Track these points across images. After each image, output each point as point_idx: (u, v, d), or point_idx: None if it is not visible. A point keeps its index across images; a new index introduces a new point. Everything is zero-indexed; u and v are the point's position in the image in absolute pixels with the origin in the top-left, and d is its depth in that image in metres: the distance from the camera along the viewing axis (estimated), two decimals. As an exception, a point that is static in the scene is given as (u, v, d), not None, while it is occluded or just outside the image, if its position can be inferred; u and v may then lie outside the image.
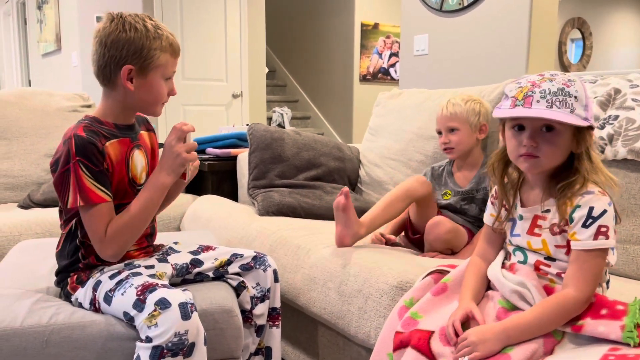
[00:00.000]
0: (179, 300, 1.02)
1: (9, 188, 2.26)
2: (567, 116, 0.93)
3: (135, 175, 1.22)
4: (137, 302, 1.04)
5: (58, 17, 4.80)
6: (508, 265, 1.05)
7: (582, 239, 0.93)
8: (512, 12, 2.62)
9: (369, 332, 1.26)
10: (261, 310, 1.33)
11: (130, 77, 1.14)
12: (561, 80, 0.95)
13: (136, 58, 1.13)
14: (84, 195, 1.08)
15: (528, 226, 1.02)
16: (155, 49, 1.14)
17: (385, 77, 5.78)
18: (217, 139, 2.57)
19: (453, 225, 1.50)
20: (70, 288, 1.18)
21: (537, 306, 0.94)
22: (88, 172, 1.09)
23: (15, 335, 1.05)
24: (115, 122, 1.19)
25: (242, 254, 1.33)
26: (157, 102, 1.20)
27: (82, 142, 1.09)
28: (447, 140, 1.61)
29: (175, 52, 1.19)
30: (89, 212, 1.10)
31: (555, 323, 0.92)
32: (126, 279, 1.11)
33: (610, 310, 0.91)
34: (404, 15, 3.23)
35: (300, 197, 1.98)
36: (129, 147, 1.21)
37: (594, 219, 0.92)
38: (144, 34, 1.13)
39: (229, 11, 4.61)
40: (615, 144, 1.40)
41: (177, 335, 1.00)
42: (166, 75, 1.18)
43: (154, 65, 1.15)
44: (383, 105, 2.30)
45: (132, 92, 1.15)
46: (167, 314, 1.01)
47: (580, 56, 6.42)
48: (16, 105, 2.39)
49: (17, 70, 6.90)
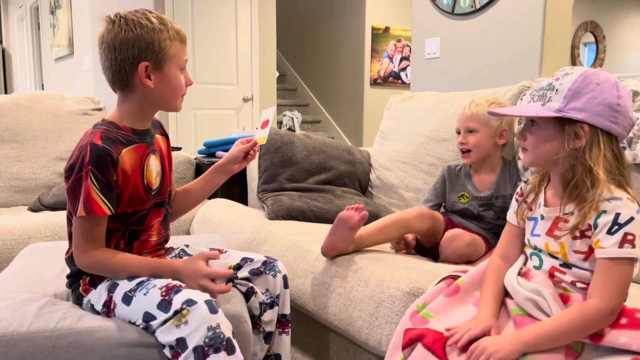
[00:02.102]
0: (205, 297, 1.02)
1: (19, 191, 2.26)
2: (519, 109, 0.96)
3: (150, 181, 1.20)
4: (162, 303, 1.02)
5: (71, 22, 4.84)
6: (523, 271, 1.02)
7: (607, 246, 0.89)
8: (525, 15, 2.59)
9: (380, 339, 1.23)
10: (270, 317, 1.31)
11: (147, 75, 1.12)
12: (561, 75, 0.94)
13: (149, 53, 1.11)
14: (88, 205, 1.07)
15: (548, 227, 0.99)
16: (164, 39, 1.11)
17: (396, 81, 5.75)
18: (227, 142, 2.57)
19: (471, 237, 1.46)
20: (83, 290, 1.16)
21: (558, 316, 0.91)
22: (97, 182, 1.07)
23: (22, 340, 1.03)
24: (132, 126, 1.17)
25: (252, 258, 1.31)
26: (177, 94, 1.18)
27: (97, 152, 1.07)
28: (464, 141, 1.56)
29: (182, 39, 1.16)
30: (83, 222, 1.09)
31: (576, 335, 0.89)
32: (147, 280, 1.09)
33: (630, 319, 0.87)
34: (415, 19, 3.21)
35: (310, 201, 1.96)
36: (145, 152, 1.19)
37: (620, 226, 0.88)
38: (150, 28, 1.10)
39: (240, 15, 4.61)
40: (634, 147, 1.37)
41: (211, 329, 0.98)
42: (180, 64, 1.16)
43: (167, 57, 1.13)
44: (394, 108, 2.27)
45: (151, 89, 1.13)
46: (195, 311, 0.99)
47: (594, 60, 6.35)
48: (28, 108, 2.39)
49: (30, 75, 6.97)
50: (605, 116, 0.91)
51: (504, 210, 1.57)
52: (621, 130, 0.93)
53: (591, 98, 0.91)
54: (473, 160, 1.58)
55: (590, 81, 0.91)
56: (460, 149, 1.59)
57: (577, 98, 0.91)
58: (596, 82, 0.91)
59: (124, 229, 1.18)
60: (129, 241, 1.20)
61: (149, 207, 1.21)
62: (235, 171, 1.39)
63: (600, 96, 0.91)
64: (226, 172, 1.38)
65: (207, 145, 2.64)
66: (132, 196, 1.15)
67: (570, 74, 0.93)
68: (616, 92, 0.91)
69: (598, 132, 0.91)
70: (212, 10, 4.49)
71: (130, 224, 1.18)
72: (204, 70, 4.48)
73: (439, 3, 3.00)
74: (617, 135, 0.93)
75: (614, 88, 0.91)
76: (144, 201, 1.18)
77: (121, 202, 1.14)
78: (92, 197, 1.07)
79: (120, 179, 1.12)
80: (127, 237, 1.19)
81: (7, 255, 1.79)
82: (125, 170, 1.13)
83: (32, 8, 6.52)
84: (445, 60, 3.04)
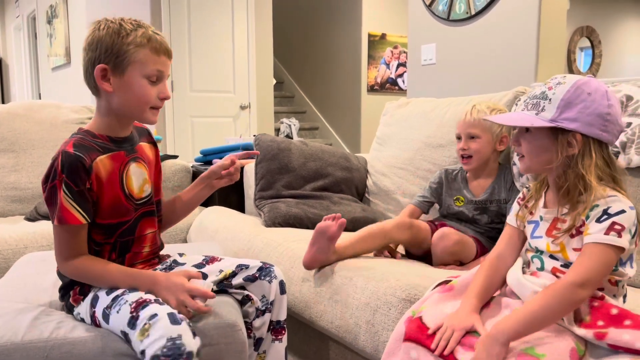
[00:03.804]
0: (168, 310, 1.00)
1: (16, 200, 2.26)
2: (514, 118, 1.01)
3: (132, 190, 1.18)
4: (130, 320, 1.01)
5: (68, 31, 4.85)
6: (529, 272, 1.04)
7: (593, 232, 0.91)
8: (520, 21, 2.60)
9: (377, 346, 1.23)
10: (261, 322, 1.29)
11: (107, 78, 1.10)
12: (554, 84, 0.96)
13: (109, 55, 1.08)
14: (60, 215, 1.06)
15: (547, 227, 1.01)
16: (128, 44, 1.08)
17: (393, 87, 5.77)
18: (224, 150, 2.57)
19: (460, 236, 1.47)
20: (73, 300, 1.16)
21: (532, 299, 0.93)
22: (69, 191, 1.06)
23: (17, 350, 1.03)
24: (109, 134, 1.16)
25: (247, 265, 1.29)
26: (141, 104, 1.13)
27: (69, 160, 1.06)
28: (466, 147, 1.56)
29: (156, 49, 1.11)
30: (60, 230, 1.09)
31: (552, 313, 0.90)
32: (122, 295, 1.08)
33: (634, 321, 0.88)
34: (411, 25, 3.22)
35: (307, 207, 1.96)
36: (124, 161, 1.17)
37: (609, 215, 0.91)
38: (115, 31, 1.08)
39: (237, 23, 4.63)
40: (628, 151, 1.37)
41: (170, 339, 0.95)
42: (146, 73, 1.11)
43: (128, 62, 1.09)
44: (391, 114, 2.28)
45: (112, 94, 1.11)
46: (157, 322, 0.97)
47: (590, 64, 6.38)
48: (24, 117, 2.39)
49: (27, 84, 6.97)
50: (597, 125, 0.94)
51: (499, 214, 1.58)
52: (611, 138, 0.96)
53: (583, 108, 0.94)
54: (474, 167, 1.58)
55: (582, 91, 0.94)
56: (461, 154, 1.59)
57: (570, 108, 0.94)
58: (588, 91, 0.94)
59: (113, 240, 1.17)
60: (120, 253, 1.19)
61: (136, 217, 1.20)
62: (217, 186, 1.35)
63: (592, 106, 0.94)
64: (208, 186, 1.36)
65: (204, 153, 2.64)
66: (113, 206, 1.14)
67: (562, 83, 0.96)
68: (606, 101, 0.94)
69: (589, 141, 0.95)
70: (208, 18, 4.50)
71: (118, 236, 1.17)
72: (201, 78, 4.49)
73: (434, 9, 3.01)
74: (607, 142, 0.97)
75: (604, 97, 0.94)
76: (128, 211, 1.17)
77: (102, 211, 1.13)
78: (64, 206, 1.06)
79: (95, 186, 1.10)
80: (118, 249, 1.18)
81: (3, 265, 1.79)
82: (100, 177, 1.11)
83: (29, 18, 6.53)
84: (441, 66, 3.05)
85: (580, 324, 0.92)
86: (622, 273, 0.95)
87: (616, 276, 0.96)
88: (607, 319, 0.90)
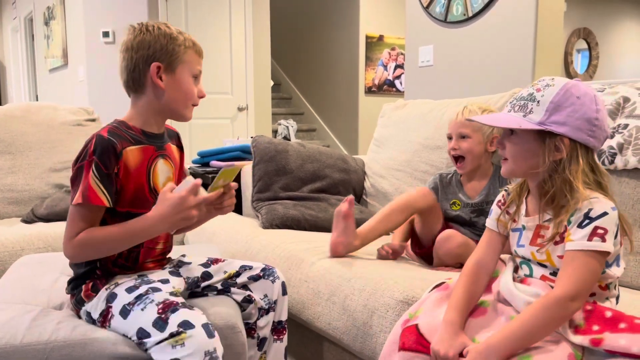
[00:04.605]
0: (202, 321, 1.02)
1: (12, 202, 2.25)
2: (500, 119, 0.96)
3: (157, 184, 1.21)
4: (157, 321, 1.02)
5: (65, 33, 4.84)
6: (519, 279, 1.02)
7: (576, 238, 0.89)
8: (517, 23, 2.61)
9: (374, 348, 1.23)
10: (265, 322, 1.30)
11: (159, 75, 1.16)
12: (542, 86, 0.94)
13: (163, 54, 1.16)
14: (86, 194, 1.08)
15: (531, 237, 0.99)
16: (179, 44, 1.17)
17: (390, 89, 5.77)
18: (221, 152, 2.57)
19: (464, 239, 1.47)
20: (85, 295, 1.15)
21: (522, 313, 0.91)
22: (97, 173, 1.09)
23: (16, 353, 1.03)
24: (143, 128, 1.20)
25: (251, 266, 1.31)
26: (187, 100, 1.21)
27: (101, 142, 1.10)
28: (456, 147, 1.56)
29: (198, 51, 1.22)
30: (78, 209, 1.09)
31: (542, 329, 0.88)
32: (146, 294, 1.09)
33: (629, 324, 0.87)
34: (408, 27, 3.23)
35: (305, 209, 1.96)
36: (153, 155, 1.20)
37: (590, 220, 0.89)
38: (167, 33, 1.17)
39: (234, 24, 4.63)
40: (625, 153, 1.38)
41: (208, 354, 0.98)
42: (193, 72, 1.20)
43: (180, 61, 1.17)
44: (388, 116, 2.28)
45: (162, 91, 1.17)
46: (193, 335, 0.99)
47: (587, 66, 6.40)
48: (21, 119, 2.39)
49: (24, 86, 6.96)
50: (585, 130, 0.92)
51: None
52: (597, 144, 0.94)
53: (572, 112, 0.91)
54: (468, 169, 1.58)
55: (572, 94, 0.92)
56: (452, 154, 1.59)
57: (559, 111, 0.92)
58: (577, 95, 0.92)
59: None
60: (133, 247, 1.19)
61: None
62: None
63: (581, 110, 0.91)
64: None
65: (202, 155, 2.64)
66: (135, 195, 1.16)
67: (551, 85, 0.93)
68: (595, 105, 0.92)
69: (577, 146, 0.92)
70: (206, 19, 4.50)
71: None
72: (198, 79, 4.48)
73: (432, 11, 3.02)
74: (593, 147, 0.94)
75: (592, 102, 0.92)
76: (149, 203, 1.17)
77: (123, 199, 1.15)
78: (91, 185, 1.08)
79: (122, 173, 1.13)
80: None
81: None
82: (128, 166, 1.14)
83: (26, 19, 6.52)
84: (438, 68, 3.05)
85: (575, 330, 0.90)
86: (610, 275, 0.94)
87: (605, 280, 0.94)
88: (602, 322, 0.89)
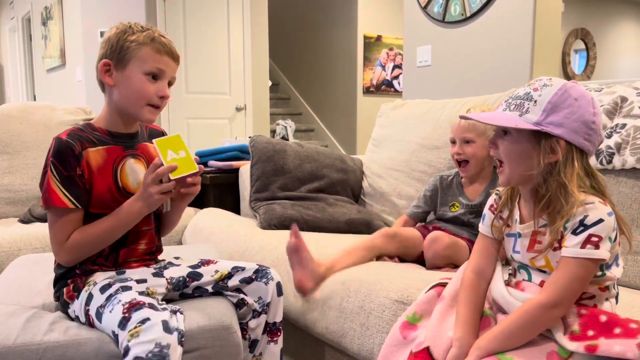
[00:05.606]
0: (163, 317, 1.00)
1: (10, 203, 2.24)
2: (496, 117, 0.93)
3: (127, 184, 1.20)
4: (122, 321, 1.01)
5: (62, 33, 4.83)
6: (514, 282, 1.01)
7: (569, 245, 0.88)
8: (515, 23, 2.61)
9: (372, 349, 1.22)
10: (256, 324, 1.29)
11: (110, 73, 1.16)
12: (539, 85, 0.92)
13: (113, 51, 1.15)
14: (46, 196, 1.10)
15: (527, 244, 0.97)
16: (131, 41, 1.15)
17: (388, 89, 5.77)
18: (219, 152, 2.56)
19: (451, 239, 1.46)
20: (67, 297, 1.15)
21: (509, 316, 0.91)
22: (57, 174, 1.10)
23: (9, 354, 1.02)
24: (109, 129, 1.20)
25: (243, 267, 1.29)
26: (139, 100, 1.16)
27: (59, 145, 1.11)
28: (460, 152, 1.55)
29: (158, 48, 1.16)
30: (52, 215, 1.11)
31: (525, 332, 0.89)
32: (115, 294, 1.08)
33: (624, 329, 0.86)
34: (406, 27, 3.23)
35: (303, 209, 1.96)
36: (120, 155, 1.20)
37: (585, 227, 0.87)
38: (123, 30, 1.16)
39: (232, 25, 4.62)
40: (623, 152, 1.37)
41: (158, 345, 0.95)
42: (145, 69, 1.15)
43: (130, 57, 1.15)
44: (386, 116, 2.28)
45: (113, 88, 1.17)
46: (149, 327, 0.97)
47: (585, 67, 6.40)
48: (19, 119, 2.38)
49: (22, 86, 6.94)
50: (581, 133, 0.90)
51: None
52: (592, 148, 0.92)
53: (569, 113, 0.89)
54: (472, 173, 1.57)
55: (569, 95, 0.90)
56: (456, 159, 1.57)
57: (556, 112, 0.89)
58: (574, 97, 0.90)
59: None
60: (113, 248, 1.19)
61: None
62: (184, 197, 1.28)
63: (578, 112, 0.89)
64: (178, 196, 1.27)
65: (200, 155, 2.63)
66: (104, 197, 1.16)
67: (549, 85, 0.91)
68: (592, 108, 0.90)
69: (572, 149, 0.90)
70: (204, 20, 4.50)
71: None
72: (196, 80, 4.48)
73: (429, 11, 3.02)
74: (588, 152, 0.92)
75: (590, 104, 0.90)
76: (119, 204, 1.17)
77: (93, 201, 1.15)
78: (52, 188, 1.09)
79: (87, 174, 1.14)
80: (112, 244, 1.19)
81: (-4, 268, 1.77)
82: (90, 166, 1.15)
83: (24, 19, 6.51)
84: (436, 68, 3.05)
85: (570, 336, 0.88)
86: (610, 277, 0.92)
87: (604, 282, 0.93)
88: (597, 327, 0.87)
